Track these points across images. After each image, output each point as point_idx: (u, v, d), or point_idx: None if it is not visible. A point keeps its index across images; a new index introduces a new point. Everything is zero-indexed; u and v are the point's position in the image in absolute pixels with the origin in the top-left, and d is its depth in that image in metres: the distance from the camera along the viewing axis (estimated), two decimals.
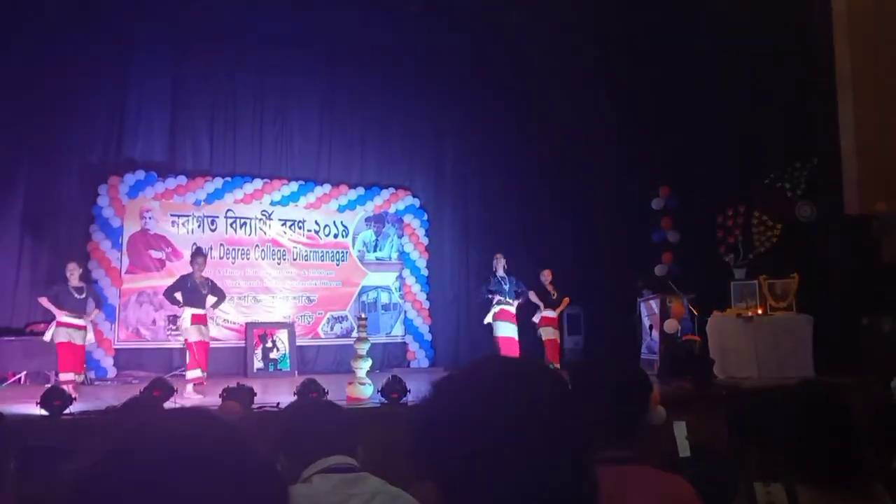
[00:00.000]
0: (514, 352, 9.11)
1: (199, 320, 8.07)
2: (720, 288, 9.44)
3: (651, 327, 9.92)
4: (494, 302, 9.44)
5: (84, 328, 7.79)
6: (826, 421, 1.99)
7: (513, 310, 9.45)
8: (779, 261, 9.19)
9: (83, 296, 7.88)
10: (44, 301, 7.83)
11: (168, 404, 5.68)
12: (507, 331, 9.34)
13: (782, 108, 9.17)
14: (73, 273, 7.89)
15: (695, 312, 9.48)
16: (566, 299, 9.69)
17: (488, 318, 9.50)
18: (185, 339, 8.13)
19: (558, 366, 9.11)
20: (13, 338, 9.05)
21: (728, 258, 9.54)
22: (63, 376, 7.52)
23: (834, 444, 1.94)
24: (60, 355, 7.61)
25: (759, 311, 9.04)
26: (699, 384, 7.74)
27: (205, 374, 8.01)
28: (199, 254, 8.43)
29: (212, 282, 8.39)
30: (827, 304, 8.64)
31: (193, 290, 8.08)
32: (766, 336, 8.77)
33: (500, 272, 9.44)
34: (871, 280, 8.22)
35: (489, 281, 9.56)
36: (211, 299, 8.25)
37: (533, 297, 9.55)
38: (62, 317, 7.66)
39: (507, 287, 9.42)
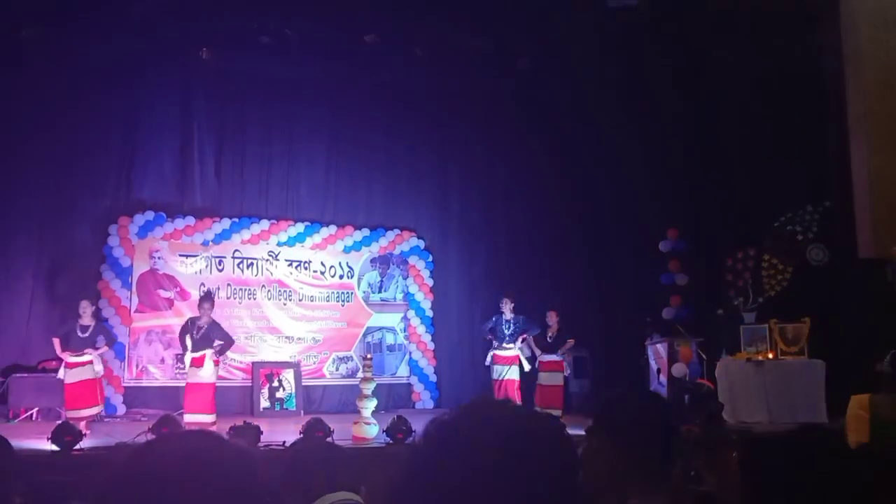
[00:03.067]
0: (511, 394, 8.98)
1: (197, 363, 8.05)
2: (729, 331, 9.36)
3: (659, 371, 9.81)
4: (494, 346, 9.33)
5: (90, 362, 7.86)
6: (824, 467, 1.93)
7: (511, 353, 9.26)
8: (789, 305, 9.13)
9: (87, 334, 7.95)
10: (56, 342, 7.94)
11: None
12: (503, 373, 9.19)
13: (794, 150, 9.21)
14: (86, 311, 8.01)
15: (703, 356, 9.39)
16: (570, 341, 9.46)
17: (488, 361, 9.41)
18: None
19: (560, 411, 8.86)
20: (25, 374, 9.14)
21: (737, 302, 9.48)
22: (70, 413, 7.59)
23: (834, 491, 1.89)
24: (67, 394, 7.72)
25: (770, 356, 8.95)
26: (708, 429, 7.63)
27: (213, 416, 7.96)
28: (206, 298, 8.47)
29: (218, 326, 8.39)
30: (840, 349, 8.54)
31: (192, 335, 8.10)
32: (777, 381, 8.67)
33: (508, 314, 9.32)
34: (885, 325, 8.13)
35: (490, 320, 9.47)
36: (217, 343, 8.23)
37: (531, 343, 9.36)
38: (67, 357, 7.80)
39: (507, 331, 9.25)
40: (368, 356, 8.15)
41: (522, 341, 9.34)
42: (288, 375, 10.59)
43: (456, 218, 11.95)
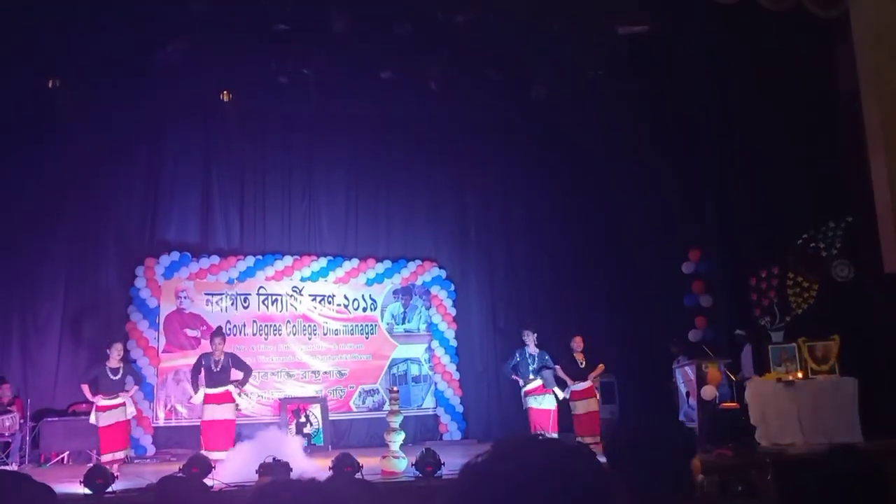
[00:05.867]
0: (545, 423, 8.85)
1: (213, 399, 8.07)
2: (758, 352, 9.26)
3: (688, 394, 9.69)
4: (522, 385, 9.17)
5: (123, 405, 7.95)
6: (857, 488, 1.92)
7: (537, 384, 9.09)
8: (817, 322, 9.01)
9: (118, 376, 8.04)
10: (85, 389, 8.04)
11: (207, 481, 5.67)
12: (538, 403, 9.05)
13: (813, 166, 9.17)
14: (118, 353, 8.11)
15: (732, 378, 9.28)
16: (600, 366, 9.26)
17: (524, 404, 9.20)
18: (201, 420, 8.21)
19: (598, 438, 8.77)
20: (56, 418, 9.24)
21: (764, 321, 9.38)
22: (105, 457, 7.68)
23: None
24: (102, 438, 7.82)
25: (800, 375, 8.82)
26: (741, 452, 7.53)
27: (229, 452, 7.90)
28: (217, 334, 8.54)
29: (233, 357, 8.40)
30: (871, 365, 8.42)
31: (210, 370, 8.13)
32: (809, 400, 8.54)
33: (532, 348, 9.14)
34: None
35: (513, 358, 9.24)
36: (236, 374, 8.24)
37: (560, 372, 9.20)
38: (99, 400, 7.89)
39: (531, 366, 9.09)
40: (395, 388, 8.15)
41: (540, 370, 9.14)
42: (315, 410, 10.60)
43: (475, 247, 11.99)
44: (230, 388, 8.14)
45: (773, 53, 9.42)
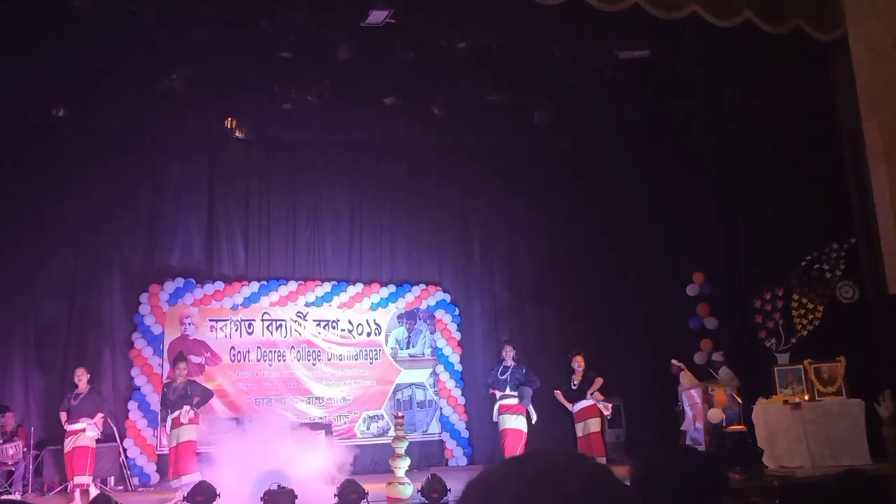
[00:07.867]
0: (516, 445, 8.95)
1: (177, 423, 8.15)
2: (764, 374, 9.22)
3: (694, 418, 9.64)
4: (498, 397, 9.27)
5: (83, 430, 8.13)
6: None
7: (513, 401, 9.15)
8: (823, 344, 8.98)
9: (77, 402, 8.23)
10: (62, 416, 8.30)
11: None
12: (509, 423, 9.11)
13: (816, 187, 9.19)
14: (81, 379, 8.35)
15: (739, 400, 9.23)
16: (598, 380, 9.18)
17: (495, 416, 9.32)
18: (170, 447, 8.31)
19: (603, 459, 8.81)
20: (60, 447, 9.15)
21: (769, 343, 9.35)
22: (77, 479, 7.97)
23: None
24: (66, 464, 8.14)
25: (807, 397, 8.77)
26: (749, 475, 7.46)
27: (198, 473, 7.87)
28: (180, 359, 8.66)
29: (192, 382, 8.54)
30: (878, 387, 8.36)
31: (167, 398, 8.29)
32: (817, 422, 8.48)
33: (509, 361, 9.32)
34: None
35: (491, 373, 9.46)
36: (196, 400, 8.33)
37: (559, 396, 9.28)
38: (66, 426, 8.17)
39: (507, 379, 9.21)
40: (399, 414, 8.12)
41: (518, 386, 9.14)
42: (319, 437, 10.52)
43: (479, 271, 11.99)
44: (182, 409, 8.20)
45: (773, 76, 9.49)
